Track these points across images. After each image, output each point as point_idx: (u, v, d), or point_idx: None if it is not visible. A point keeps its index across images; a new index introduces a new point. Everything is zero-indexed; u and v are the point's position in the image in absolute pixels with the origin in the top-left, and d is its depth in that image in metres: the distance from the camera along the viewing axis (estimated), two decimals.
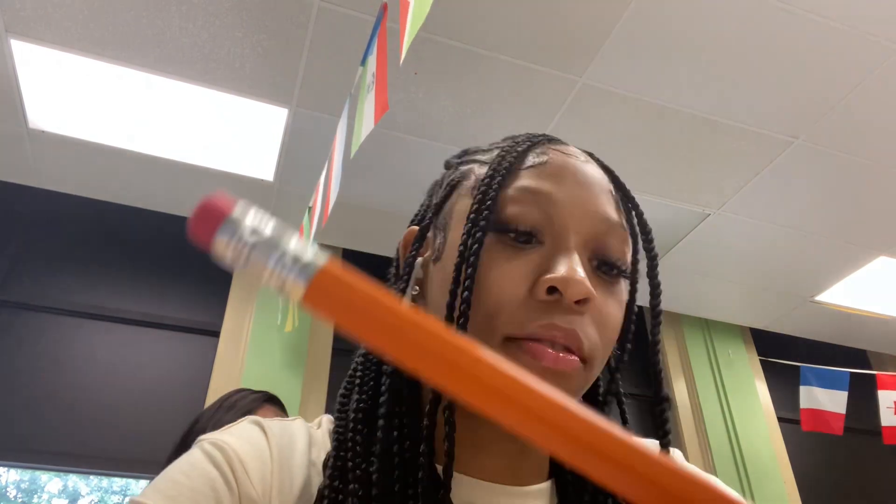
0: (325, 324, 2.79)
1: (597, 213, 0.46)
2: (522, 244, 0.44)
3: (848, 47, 1.99)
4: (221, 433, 0.47)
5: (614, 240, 0.46)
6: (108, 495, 2.70)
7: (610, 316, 0.45)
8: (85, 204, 2.70)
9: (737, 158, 2.44)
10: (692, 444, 3.09)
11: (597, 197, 0.46)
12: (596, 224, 0.46)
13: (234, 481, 0.42)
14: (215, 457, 0.43)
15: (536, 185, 0.46)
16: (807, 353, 3.40)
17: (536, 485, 0.48)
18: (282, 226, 0.24)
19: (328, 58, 2.07)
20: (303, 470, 0.45)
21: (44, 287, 2.53)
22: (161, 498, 0.40)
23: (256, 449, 0.45)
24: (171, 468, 0.44)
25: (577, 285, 0.41)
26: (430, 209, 0.52)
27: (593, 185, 0.47)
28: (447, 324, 0.43)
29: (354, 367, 0.51)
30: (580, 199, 0.46)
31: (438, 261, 0.48)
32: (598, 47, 2.03)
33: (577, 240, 0.45)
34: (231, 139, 2.39)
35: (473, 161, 0.52)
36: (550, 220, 0.45)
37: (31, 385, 2.34)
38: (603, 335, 0.44)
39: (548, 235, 0.45)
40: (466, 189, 0.49)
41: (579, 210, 0.45)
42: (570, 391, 0.43)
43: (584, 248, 0.45)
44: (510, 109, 2.26)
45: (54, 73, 2.12)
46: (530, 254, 0.44)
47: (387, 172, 2.55)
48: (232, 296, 2.72)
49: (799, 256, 2.94)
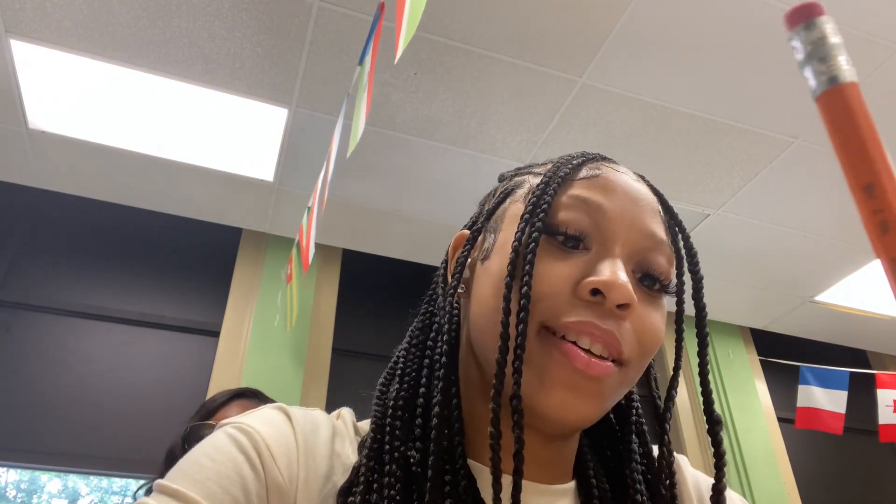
0: (324, 324, 2.79)
1: (643, 228, 0.47)
2: (570, 248, 0.46)
3: (848, 47, 1.99)
4: (245, 417, 0.46)
5: (658, 256, 0.47)
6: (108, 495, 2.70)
7: (650, 326, 0.46)
8: (85, 204, 2.70)
9: (737, 158, 2.44)
10: (692, 444, 3.09)
11: (644, 213, 0.48)
12: (641, 238, 0.47)
13: (260, 467, 0.42)
14: (241, 441, 0.43)
15: (588, 194, 0.47)
16: (806, 353, 3.41)
17: (563, 484, 0.50)
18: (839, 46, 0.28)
19: (328, 58, 2.07)
20: (326, 460, 0.45)
21: (44, 287, 2.53)
22: (188, 482, 0.40)
23: (282, 435, 0.45)
24: (195, 451, 0.43)
25: (619, 289, 0.43)
26: (482, 215, 0.54)
27: (642, 202, 0.49)
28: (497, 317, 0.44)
29: (396, 359, 0.52)
30: (629, 212, 0.47)
31: (487, 259, 0.50)
32: (598, 47, 2.03)
33: (623, 251, 0.46)
34: (231, 139, 2.39)
35: (528, 173, 0.54)
36: (598, 229, 0.46)
37: (30, 385, 2.34)
38: (642, 343, 0.45)
39: (595, 243, 0.46)
40: (520, 196, 0.51)
41: (627, 223, 0.47)
42: (603, 394, 0.44)
43: (628, 259, 0.46)
44: (510, 109, 2.26)
45: (54, 73, 2.12)
46: (577, 258, 0.46)
47: (387, 172, 2.55)
48: (232, 296, 2.72)
49: (799, 256, 2.94)
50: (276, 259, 2.86)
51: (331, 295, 2.89)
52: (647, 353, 0.46)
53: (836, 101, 0.28)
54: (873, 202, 0.26)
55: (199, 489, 0.40)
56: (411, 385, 0.48)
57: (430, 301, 0.55)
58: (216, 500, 0.40)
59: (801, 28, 0.29)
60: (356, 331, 2.86)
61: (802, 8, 0.30)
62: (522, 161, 2.47)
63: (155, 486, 0.41)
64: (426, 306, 0.54)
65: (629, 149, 2.41)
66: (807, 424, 3.07)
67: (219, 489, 0.40)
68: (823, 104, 0.28)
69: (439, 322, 0.50)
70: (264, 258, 2.87)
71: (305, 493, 0.43)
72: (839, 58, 0.28)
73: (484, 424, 0.47)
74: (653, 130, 2.33)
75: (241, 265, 2.82)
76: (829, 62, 0.28)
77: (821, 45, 0.28)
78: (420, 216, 2.78)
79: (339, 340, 2.80)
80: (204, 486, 0.40)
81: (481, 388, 0.49)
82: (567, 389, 0.43)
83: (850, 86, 0.28)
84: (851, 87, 0.28)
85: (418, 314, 0.55)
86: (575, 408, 0.43)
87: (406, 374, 0.49)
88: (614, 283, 0.43)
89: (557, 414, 0.43)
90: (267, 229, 2.88)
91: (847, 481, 3.40)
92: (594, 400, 0.43)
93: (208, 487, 0.40)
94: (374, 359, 2.80)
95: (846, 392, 3.10)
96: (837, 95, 0.28)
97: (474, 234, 0.53)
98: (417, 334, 0.53)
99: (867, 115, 0.27)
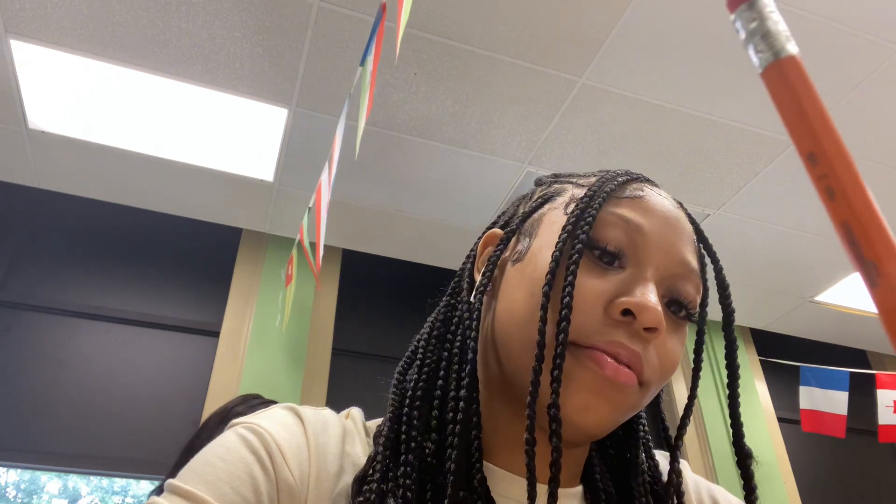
0: (324, 324, 2.79)
1: (678, 254, 0.48)
2: (606, 264, 0.47)
3: (848, 47, 1.99)
4: (255, 417, 0.46)
5: (688, 284, 0.48)
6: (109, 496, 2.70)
7: (671, 351, 0.47)
8: (84, 204, 2.70)
9: (737, 158, 2.44)
10: (692, 445, 3.09)
11: (681, 240, 0.49)
12: (675, 265, 0.48)
13: (271, 467, 0.42)
14: (251, 441, 0.43)
15: (630, 214, 0.48)
16: (807, 353, 3.41)
17: (571, 488, 0.51)
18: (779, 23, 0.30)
19: (328, 58, 2.07)
20: (337, 459, 0.46)
21: (44, 287, 2.53)
22: (199, 481, 0.41)
23: (293, 435, 0.45)
24: (205, 451, 0.43)
25: (650, 312, 0.44)
26: (517, 217, 0.55)
27: (679, 230, 0.49)
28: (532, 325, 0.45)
29: (415, 347, 0.53)
30: (666, 238, 0.48)
31: (519, 262, 0.50)
32: (598, 47, 2.03)
33: (656, 274, 0.47)
34: (231, 139, 2.39)
35: (568, 182, 0.54)
36: (636, 249, 0.47)
37: (30, 385, 2.34)
38: (662, 367, 0.47)
39: (630, 263, 0.47)
40: (560, 204, 0.52)
41: (663, 247, 0.48)
42: (623, 406, 0.45)
43: (659, 283, 0.47)
44: (510, 109, 2.26)
45: (54, 73, 2.12)
46: (612, 275, 0.47)
47: (387, 172, 2.55)
48: (232, 296, 2.72)
49: (799, 256, 2.94)
50: (276, 259, 2.86)
51: (331, 295, 2.89)
52: (665, 378, 0.48)
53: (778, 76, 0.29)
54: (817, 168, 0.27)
55: (210, 490, 0.40)
56: (430, 376, 0.49)
57: (452, 293, 0.55)
58: (227, 500, 0.40)
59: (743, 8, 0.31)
60: (356, 331, 2.86)
61: None
62: (522, 161, 2.47)
63: (166, 486, 0.41)
64: (448, 298, 0.55)
65: (629, 149, 2.41)
66: (813, 428, 3.07)
67: (230, 490, 0.40)
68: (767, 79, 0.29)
69: (460, 316, 0.51)
70: (264, 258, 2.87)
71: (316, 493, 0.43)
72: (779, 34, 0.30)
73: (499, 424, 0.48)
74: (653, 130, 2.33)
75: (241, 265, 2.82)
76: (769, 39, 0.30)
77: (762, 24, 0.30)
78: (420, 216, 2.78)
79: (339, 340, 2.79)
80: (215, 487, 0.40)
81: (500, 387, 0.49)
82: (592, 393, 0.43)
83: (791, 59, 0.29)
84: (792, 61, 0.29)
85: (439, 305, 0.55)
86: (596, 413, 0.44)
87: (425, 365, 0.50)
88: (646, 305, 0.44)
89: (578, 416, 0.44)
90: (267, 229, 2.88)
91: (847, 481, 3.40)
92: (614, 408, 0.44)
93: (219, 488, 0.40)
94: (374, 359, 2.80)
95: (847, 393, 3.09)
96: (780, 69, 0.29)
97: (508, 235, 0.53)
98: (439, 325, 0.53)
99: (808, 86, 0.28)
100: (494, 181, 2.56)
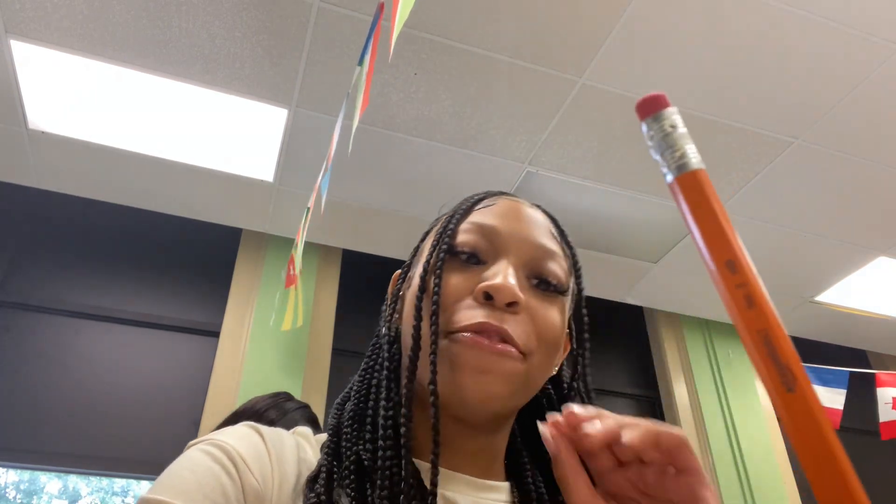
0: (324, 324, 2.79)
1: (534, 241, 0.56)
2: (473, 265, 0.55)
3: (848, 47, 1.99)
4: (215, 434, 0.50)
5: (550, 263, 0.55)
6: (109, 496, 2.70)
7: (545, 319, 0.53)
8: (84, 204, 2.70)
9: (737, 158, 2.44)
10: (692, 445, 3.09)
11: (535, 229, 0.57)
12: (533, 250, 0.55)
13: (236, 474, 0.46)
14: (215, 454, 0.47)
15: (483, 219, 0.57)
16: (807, 353, 3.40)
17: (495, 481, 0.55)
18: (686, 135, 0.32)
19: (328, 58, 2.07)
20: (295, 465, 0.51)
21: (43, 287, 2.53)
22: (174, 493, 0.43)
23: (253, 445, 0.49)
24: (172, 468, 0.46)
25: (505, 290, 0.50)
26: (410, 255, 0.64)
27: (532, 222, 0.58)
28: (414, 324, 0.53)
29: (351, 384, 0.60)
30: (519, 230, 0.56)
31: (408, 286, 0.59)
32: (598, 47, 2.03)
33: (517, 261, 0.54)
34: (231, 139, 2.39)
35: (444, 215, 0.64)
36: (493, 245, 0.55)
37: (30, 385, 2.34)
38: (539, 335, 0.52)
39: (490, 257, 0.55)
40: (434, 232, 0.61)
41: (518, 238, 0.55)
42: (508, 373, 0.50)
43: (522, 268, 0.54)
44: (510, 109, 2.26)
45: (54, 73, 2.12)
46: (476, 271, 0.54)
47: (387, 172, 2.55)
48: (232, 296, 2.72)
49: (799, 256, 2.95)
50: (276, 259, 2.86)
51: (331, 295, 2.89)
52: (546, 343, 0.53)
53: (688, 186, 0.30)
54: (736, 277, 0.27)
55: (184, 499, 0.43)
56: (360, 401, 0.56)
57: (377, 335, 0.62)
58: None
59: (651, 119, 0.33)
60: (356, 331, 2.86)
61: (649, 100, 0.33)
62: (522, 161, 2.47)
63: (140, 501, 0.43)
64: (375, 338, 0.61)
65: (629, 149, 2.41)
66: None
67: (201, 496, 0.43)
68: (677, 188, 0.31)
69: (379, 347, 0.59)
70: (264, 258, 2.87)
71: (279, 494, 0.47)
72: (686, 146, 0.31)
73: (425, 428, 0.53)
74: None
75: (240, 265, 2.82)
76: (676, 151, 0.31)
77: (669, 135, 0.32)
78: (420, 216, 2.78)
79: (339, 340, 2.79)
80: (188, 496, 0.43)
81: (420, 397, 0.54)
82: (476, 370, 0.49)
83: (699, 172, 0.31)
84: (700, 174, 0.31)
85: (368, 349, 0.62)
86: (486, 386, 0.49)
87: (358, 393, 0.57)
88: (499, 285, 0.50)
89: (471, 395, 0.49)
90: (267, 229, 2.88)
91: None
92: (500, 377, 0.49)
93: (193, 497, 0.43)
94: None
95: (845, 390, 3.10)
96: (690, 181, 0.30)
97: (404, 272, 0.62)
98: (366, 360, 0.60)
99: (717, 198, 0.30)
100: (494, 181, 2.56)
